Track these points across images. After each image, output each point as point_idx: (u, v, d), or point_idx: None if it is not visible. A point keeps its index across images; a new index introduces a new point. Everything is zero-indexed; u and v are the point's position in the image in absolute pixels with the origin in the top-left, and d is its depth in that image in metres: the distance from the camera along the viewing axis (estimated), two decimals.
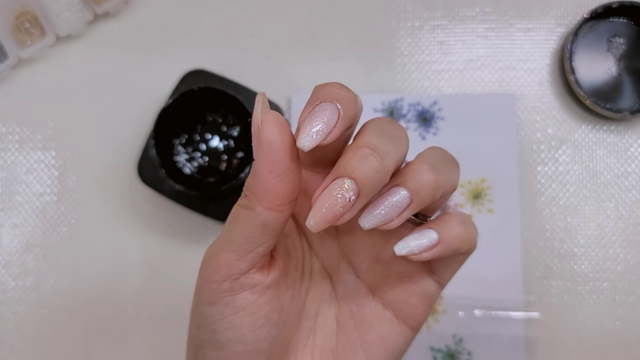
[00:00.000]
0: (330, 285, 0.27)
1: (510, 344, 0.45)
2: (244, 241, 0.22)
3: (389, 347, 0.26)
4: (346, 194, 0.20)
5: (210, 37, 0.51)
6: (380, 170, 0.20)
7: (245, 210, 0.22)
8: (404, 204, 0.22)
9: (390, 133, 0.22)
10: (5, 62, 0.49)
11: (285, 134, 0.21)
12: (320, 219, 0.20)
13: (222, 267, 0.23)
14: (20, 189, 0.50)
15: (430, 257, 0.23)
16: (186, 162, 0.48)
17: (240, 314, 0.23)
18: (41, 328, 0.48)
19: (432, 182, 0.22)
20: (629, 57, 0.49)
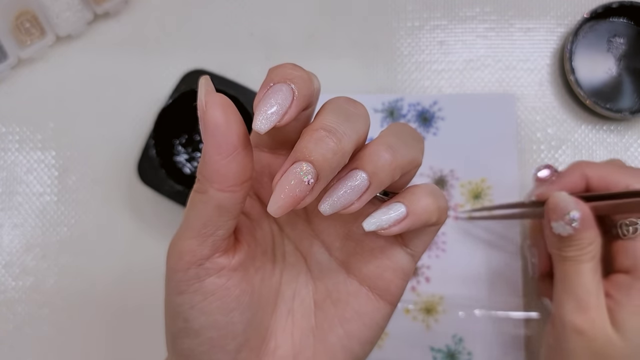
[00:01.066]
0: (305, 265, 0.27)
1: (510, 344, 0.45)
2: (202, 226, 0.22)
3: (367, 322, 0.26)
4: (304, 178, 0.20)
5: (210, 37, 0.51)
6: (337, 151, 0.20)
7: (199, 195, 0.22)
8: (363, 187, 0.22)
9: (348, 112, 0.22)
10: (5, 62, 0.49)
11: (231, 115, 0.21)
12: (281, 204, 0.20)
13: (185, 254, 0.23)
14: (20, 189, 0.50)
15: (399, 230, 0.23)
16: (186, 162, 0.48)
17: (210, 299, 0.23)
18: (41, 328, 0.48)
19: (390, 163, 0.22)
20: (629, 57, 0.49)
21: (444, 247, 0.47)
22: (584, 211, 0.33)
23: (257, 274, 0.25)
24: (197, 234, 0.22)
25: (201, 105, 0.21)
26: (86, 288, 0.49)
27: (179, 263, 0.23)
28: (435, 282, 0.47)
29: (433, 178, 0.48)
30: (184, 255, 0.23)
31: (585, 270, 0.33)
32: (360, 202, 0.22)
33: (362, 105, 0.23)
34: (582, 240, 0.33)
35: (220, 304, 0.23)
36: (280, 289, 0.27)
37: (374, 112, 0.49)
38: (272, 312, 0.26)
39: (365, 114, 0.23)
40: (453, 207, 0.48)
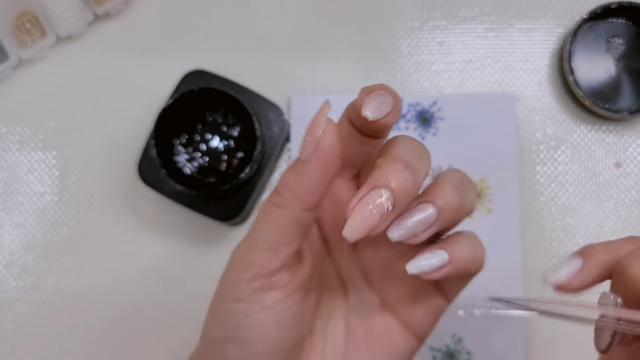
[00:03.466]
0: (343, 291, 0.28)
1: (509, 343, 0.45)
2: (277, 238, 0.23)
3: (395, 354, 0.27)
4: (383, 205, 0.21)
5: (211, 37, 0.51)
6: (414, 183, 0.22)
7: (279, 209, 0.23)
8: (432, 220, 0.23)
9: (418, 151, 0.23)
10: (6, 63, 0.49)
11: (340, 147, 0.22)
12: (357, 229, 0.21)
13: (254, 266, 0.23)
14: (21, 189, 0.50)
15: (439, 277, 0.24)
16: (186, 162, 0.48)
17: (268, 311, 0.23)
18: (42, 328, 0.48)
19: (457, 202, 0.23)
20: (627, 58, 0.49)
21: None
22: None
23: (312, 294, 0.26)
24: (271, 246, 0.23)
25: (319, 128, 0.22)
26: (86, 288, 0.49)
27: (244, 273, 0.23)
28: None
29: (432, 177, 0.48)
30: (252, 266, 0.23)
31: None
32: (425, 234, 0.23)
33: (425, 147, 0.24)
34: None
35: (277, 318, 0.23)
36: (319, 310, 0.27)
37: None
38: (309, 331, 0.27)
39: (429, 155, 0.24)
40: None
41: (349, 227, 0.21)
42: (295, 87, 0.50)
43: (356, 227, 0.21)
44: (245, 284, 0.23)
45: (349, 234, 0.21)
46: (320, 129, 0.21)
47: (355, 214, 0.21)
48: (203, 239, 0.49)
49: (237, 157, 0.48)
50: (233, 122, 0.48)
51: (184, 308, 0.47)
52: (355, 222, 0.21)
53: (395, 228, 0.22)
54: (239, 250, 0.24)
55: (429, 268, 0.23)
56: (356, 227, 0.21)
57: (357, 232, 0.21)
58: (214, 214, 0.47)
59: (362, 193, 0.21)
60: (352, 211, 0.21)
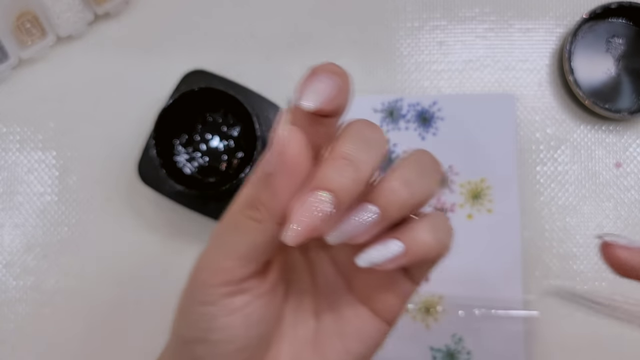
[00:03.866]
0: (311, 277, 0.28)
1: (509, 343, 0.45)
2: (249, 251, 0.22)
3: (365, 339, 0.26)
4: (324, 207, 0.20)
5: (211, 37, 0.51)
6: (356, 180, 0.20)
7: (255, 224, 0.22)
8: (373, 221, 0.21)
9: (367, 139, 0.22)
10: (6, 63, 0.49)
11: (309, 154, 0.21)
12: (299, 233, 0.20)
13: (223, 273, 0.22)
14: (21, 189, 0.50)
15: (394, 267, 0.22)
16: (186, 162, 0.48)
17: (236, 314, 0.23)
18: (42, 328, 0.48)
19: (403, 200, 0.22)
20: (627, 58, 0.49)
21: None
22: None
23: (280, 290, 0.26)
24: (241, 257, 0.22)
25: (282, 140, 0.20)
26: (87, 288, 0.49)
27: (212, 279, 0.23)
28: (434, 282, 0.47)
29: None
30: (220, 273, 0.22)
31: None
32: (368, 235, 0.22)
33: (380, 130, 0.23)
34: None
35: (245, 320, 0.23)
36: (287, 299, 0.27)
37: (373, 112, 0.49)
38: (278, 321, 0.26)
39: (383, 139, 0.23)
40: (451, 208, 0.48)
41: (290, 232, 0.20)
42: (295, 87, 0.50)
43: (297, 231, 0.20)
44: (214, 289, 0.23)
45: (290, 238, 0.20)
46: (283, 140, 0.20)
47: (296, 217, 0.20)
48: (203, 239, 0.49)
49: (237, 157, 0.48)
50: (233, 122, 0.48)
51: None
52: (294, 225, 0.20)
53: (333, 230, 0.21)
54: (210, 255, 0.23)
55: (381, 260, 0.22)
56: (297, 231, 0.20)
57: (299, 236, 0.20)
58: (214, 214, 0.47)
59: (303, 195, 0.20)
60: (292, 215, 0.20)
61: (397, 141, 0.48)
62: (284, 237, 0.20)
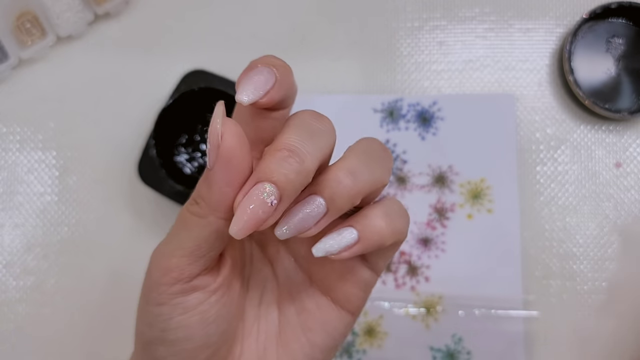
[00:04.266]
0: (272, 271, 0.27)
1: (509, 344, 0.45)
2: (195, 247, 0.22)
3: (329, 331, 0.26)
4: (267, 199, 0.20)
5: (211, 37, 0.51)
6: (300, 171, 0.20)
7: (197, 218, 0.22)
8: (320, 213, 0.21)
9: (312, 129, 0.21)
10: (6, 63, 0.49)
11: (245, 146, 0.20)
12: (243, 226, 0.20)
13: (172, 271, 0.22)
14: (21, 189, 0.50)
15: (350, 255, 0.22)
16: (186, 162, 0.48)
17: (191, 313, 0.23)
18: (42, 328, 0.48)
19: (349, 189, 0.21)
20: (627, 58, 0.49)
21: (443, 247, 0.47)
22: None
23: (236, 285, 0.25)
24: (188, 254, 0.22)
25: (215, 133, 0.20)
26: (87, 288, 0.49)
27: (164, 278, 0.23)
28: (434, 282, 0.47)
29: (432, 176, 0.48)
30: (171, 271, 0.22)
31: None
32: (317, 227, 0.21)
33: (327, 120, 0.23)
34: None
35: (200, 318, 0.23)
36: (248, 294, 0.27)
37: (373, 112, 0.49)
38: (240, 317, 0.26)
39: (330, 129, 0.22)
40: (451, 208, 0.48)
41: (234, 225, 0.20)
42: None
43: (242, 224, 0.20)
44: (165, 288, 0.23)
45: (235, 231, 0.20)
46: (217, 133, 0.20)
47: (240, 211, 0.20)
48: None
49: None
50: None
51: None
52: (241, 219, 0.20)
53: (281, 225, 0.21)
54: (159, 253, 0.23)
55: (336, 249, 0.22)
56: (242, 224, 0.20)
57: (243, 229, 0.20)
58: None
59: (247, 188, 0.20)
60: (236, 208, 0.20)
61: (397, 141, 0.48)
62: (230, 230, 0.20)
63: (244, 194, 0.20)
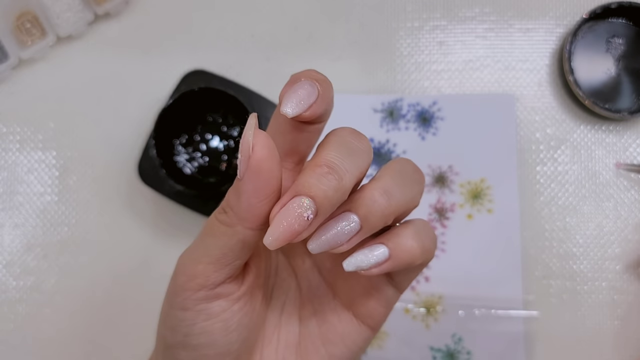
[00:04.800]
0: (295, 281, 0.28)
1: (509, 343, 0.45)
2: (222, 255, 0.22)
3: (348, 344, 0.26)
4: (304, 213, 0.20)
5: (211, 37, 0.51)
6: (338, 189, 0.20)
7: (224, 227, 0.22)
8: (354, 230, 0.22)
9: (351, 147, 0.22)
10: (6, 63, 0.49)
11: (275, 158, 0.21)
12: (278, 237, 0.20)
13: (198, 277, 0.23)
14: (21, 189, 0.50)
15: (379, 272, 0.23)
16: (186, 162, 0.48)
17: (214, 320, 0.23)
18: (42, 328, 0.48)
19: (383, 209, 0.22)
20: (627, 58, 0.49)
21: (443, 247, 0.47)
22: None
23: (259, 293, 0.26)
24: (214, 261, 0.22)
25: (247, 144, 0.20)
26: (87, 288, 0.49)
27: (189, 283, 0.23)
28: (434, 282, 0.47)
29: (432, 176, 0.48)
30: (196, 277, 0.23)
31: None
32: (349, 244, 0.22)
33: (365, 139, 0.23)
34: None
35: (223, 325, 0.23)
36: (271, 302, 0.27)
37: (373, 112, 0.49)
38: (262, 326, 0.27)
39: (368, 149, 0.23)
40: (451, 208, 0.48)
41: (269, 235, 0.20)
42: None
43: (277, 235, 0.20)
44: (190, 293, 0.23)
45: (269, 242, 0.20)
46: (249, 145, 0.20)
47: (276, 222, 0.20)
48: None
49: (237, 157, 0.48)
50: (233, 122, 0.48)
51: None
52: (276, 230, 0.20)
53: (314, 239, 0.21)
54: (185, 258, 0.24)
55: (366, 264, 0.22)
56: (277, 235, 0.20)
57: (277, 240, 0.20)
58: None
59: (284, 200, 0.20)
60: (273, 219, 0.20)
61: (397, 141, 0.48)
62: (265, 240, 0.20)
63: (281, 206, 0.20)
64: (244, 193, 0.21)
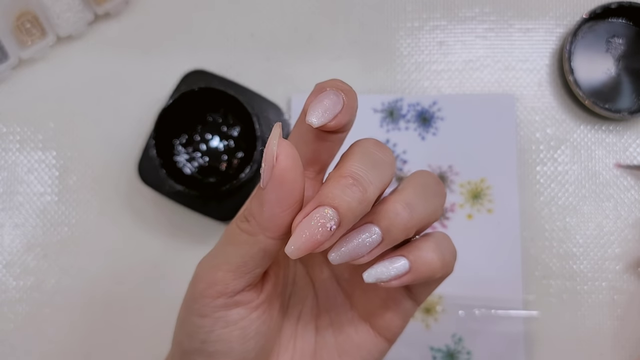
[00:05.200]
0: (313, 290, 0.28)
1: (509, 343, 0.45)
2: (242, 263, 0.22)
3: (364, 355, 0.26)
4: (327, 223, 0.20)
5: (211, 37, 0.51)
6: (362, 201, 0.20)
7: (246, 236, 0.22)
8: (375, 242, 0.22)
9: (375, 159, 0.22)
10: (6, 63, 0.49)
11: (298, 168, 0.21)
12: (300, 246, 0.20)
13: (218, 284, 0.23)
14: (21, 188, 0.50)
15: (399, 284, 0.23)
16: (186, 162, 0.48)
17: (232, 327, 0.23)
18: (42, 328, 0.48)
19: (406, 222, 0.22)
20: (627, 58, 0.49)
21: None
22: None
23: (277, 302, 0.26)
24: (234, 269, 0.22)
25: (271, 154, 0.20)
26: (87, 288, 0.49)
27: (208, 290, 0.23)
28: None
29: None
30: (216, 284, 0.23)
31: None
32: (370, 256, 0.22)
33: (389, 151, 0.23)
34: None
35: (240, 333, 0.23)
36: (288, 310, 0.27)
37: (373, 112, 0.49)
38: (278, 333, 0.27)
39: (392, 160, 0.23)
40: (451, 208, 0.48)
41: (291, 244, 0.20)
42: (295, 87, 0.50)
43: (299, 244, 0.20)
44: (209, 300, 0.23)
45: (291, 251, 0.20)
46: (273, 154, 0.20)
47: (298, 231, 0.20)
48: (203, 239, 0.49)
49: (237, 157, 0.48)
50: (233, 122, 0.48)
51: None
52: (298, 239, 0.20)
53: (335, 250, 0.21)
54: (205, 265, 0.24)
55: (386, 277, 0.23)
56: (299, 244, 0.20)
57: (299, 249, 0.20)
58: (214, 214, 0.47)
59: (307, 210, 0.20)
60: (295, 228, 0.20)
61: (397, 141, 0.48)
62: (286, 249, 0.20)
63: (304, 215, 0.20)
64: (267, 202, 0.21)
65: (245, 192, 0.46)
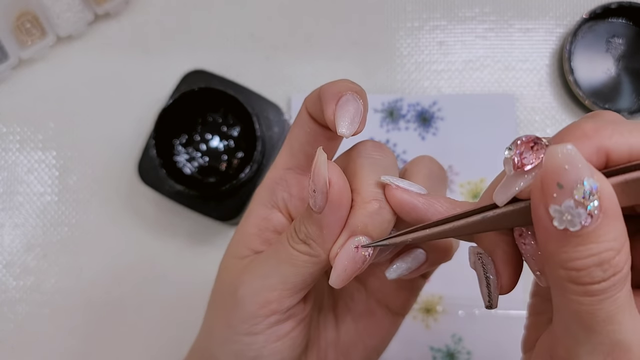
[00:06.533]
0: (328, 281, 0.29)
1: (509, 343, 0.45)
2: (301, 282, 0.23)
3: (384, 335, 0.28)
4: (365, 252, 0.21)
5: (211, 37, 0.51)
6: (391, 220, 0.22)
7: (308, 257, 0.23)
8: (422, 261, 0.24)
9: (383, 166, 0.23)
10: (6, 63, 0.49)
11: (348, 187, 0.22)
12: (344, 279, 0.21)
13: (273, 303, 0.23)
14: (21, 189, 0.50)
15: (418, 274, 0.25)
16: (186, 162, 0.48)
17: (284, 339, 0.24)
18: (42, 328, 0.48)
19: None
20: (627, 58, 0.49)
21: None
22: (606, 188, 0.17)
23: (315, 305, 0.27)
24: (291, 287, 0.23)
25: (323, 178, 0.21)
26: (86, 288, 0.49)
27: (262, 310, 0.23)
28: (434, 282, 0.47)
29: None
30: (270, 303, 0.23)
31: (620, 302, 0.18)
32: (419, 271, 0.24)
33: (387, 149, 0.24)
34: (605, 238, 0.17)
35: (292, 342, 0.24)
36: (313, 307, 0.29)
37: (373, 112, 0.49)
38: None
39: (394, 159, 0.24)
40: None
41: (334, 277, 0.21)
42: (295, 87, 0.50)
43: (343, 276, 0.21)
44: (261, 319, 0.24)
45: (335, 283, 0.22)
46: (325, 179, 0.21)
47: (339, 263, 0.21)
48: (203, 239, 0.49)
49: (237, 157, 0.48)
50: (233, 122, 0.48)
51: (183, 307, 0.47)
52: (341, 270, 0.21)
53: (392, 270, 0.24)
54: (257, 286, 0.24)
55: (407, 271, 0.24)
56: (343, 276, 0.21)
57: (342, 280, 0.21)
58: (214, 214, 0.47)
59: (342, 241, 0.21)
60: (334, 260, 0.21)
61: (397, 141, 0.48)
62: (330, 281, 0.22)
63: (340, 246, 0.21)
64: (328, 225, 0.22)
65: (245, 192, 0.46)
